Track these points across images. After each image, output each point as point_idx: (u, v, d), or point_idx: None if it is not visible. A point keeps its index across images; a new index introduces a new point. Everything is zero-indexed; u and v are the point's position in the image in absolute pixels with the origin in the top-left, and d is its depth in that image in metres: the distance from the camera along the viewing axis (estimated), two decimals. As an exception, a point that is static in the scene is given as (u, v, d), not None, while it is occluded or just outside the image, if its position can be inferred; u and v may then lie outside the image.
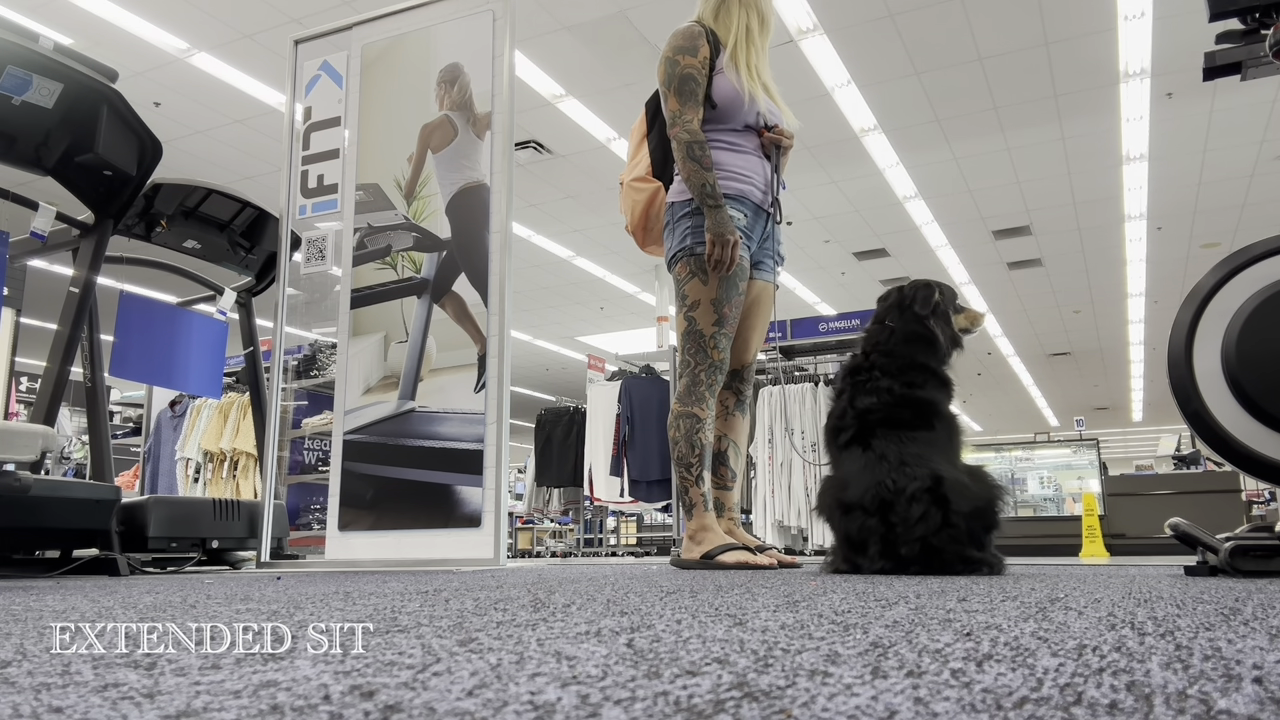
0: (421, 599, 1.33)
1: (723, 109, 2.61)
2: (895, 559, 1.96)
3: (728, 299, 2.58)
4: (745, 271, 2.63)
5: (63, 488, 2.99)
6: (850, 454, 2.13)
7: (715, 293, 2.57)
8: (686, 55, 2.59)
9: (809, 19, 6.26)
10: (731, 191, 2.60)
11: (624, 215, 2.93)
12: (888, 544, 1.96)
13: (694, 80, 2.57)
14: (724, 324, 2.59)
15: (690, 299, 2.61)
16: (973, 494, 1.98)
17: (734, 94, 2.60)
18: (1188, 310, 1.88)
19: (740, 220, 2.61)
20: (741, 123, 2.64)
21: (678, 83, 2.58)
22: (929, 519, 1.92)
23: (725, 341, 2.61)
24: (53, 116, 2.90)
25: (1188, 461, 10.71)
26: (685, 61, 2.58)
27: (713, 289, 2.57)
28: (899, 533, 1.95)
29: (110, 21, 6.25)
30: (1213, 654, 0.64)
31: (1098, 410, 21.69)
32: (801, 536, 6.04)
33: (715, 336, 2.59)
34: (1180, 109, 7.47)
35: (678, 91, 2.58)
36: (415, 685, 0.54)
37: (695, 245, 2.58)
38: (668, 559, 3.80)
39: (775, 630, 0.82)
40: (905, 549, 1.93)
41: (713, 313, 2.58)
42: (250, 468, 6.06)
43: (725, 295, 2.58)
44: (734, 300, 2.60)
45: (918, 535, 1.92)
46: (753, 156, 2.67)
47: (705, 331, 2.59)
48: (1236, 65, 1.94)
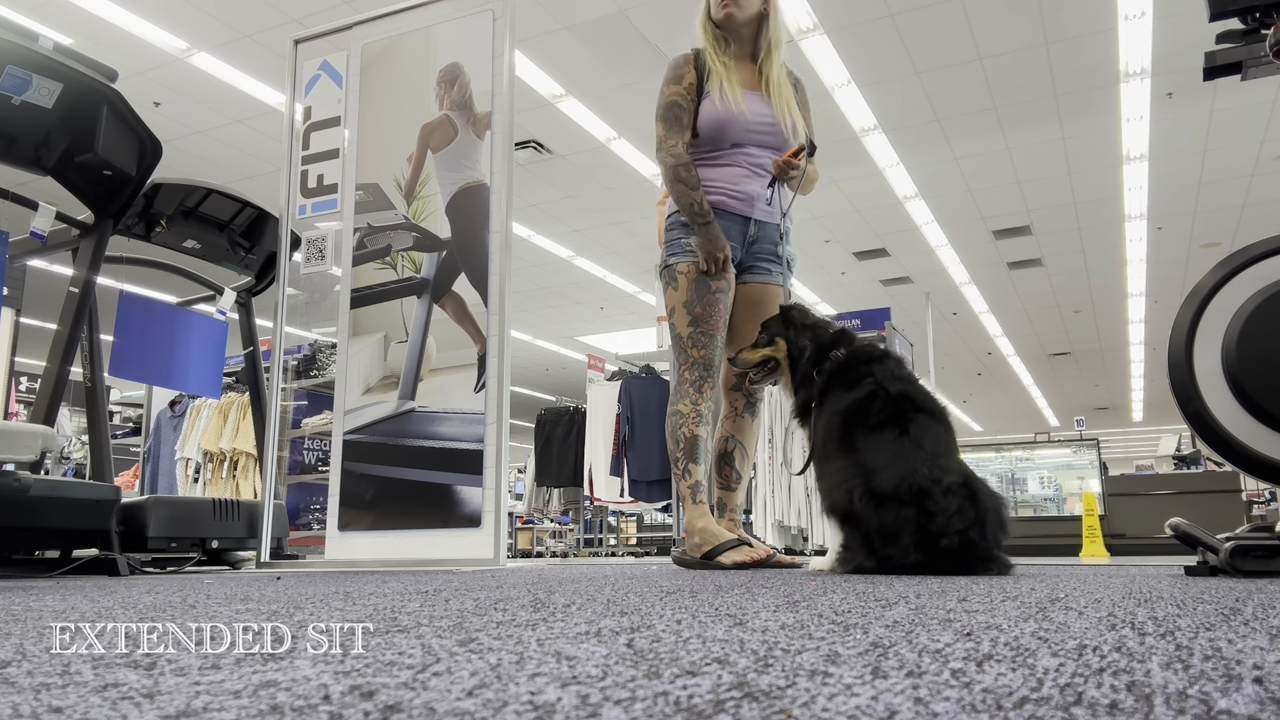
0: (421, 599, 1.33)
1: (706, 133, 2.73)
2: (932, 551, 1.90)
3: (698, 299, 2.69)
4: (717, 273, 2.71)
5: (63, 488, 2.99)
6: (881, 438, 2.06)
7: (685, 295, 2.71)
8: (671, 85, 2.75)
9: (809, 19, 6.26)
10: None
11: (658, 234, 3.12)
12: (924, 535, 1.91)
13: (679, 107, 2.72)
14: (698, 323, 2.69)
15: (669, 307, 2.77)
16: (993, 494, 2.02)
17: (713, 118, 2.71)
18: (1188, 310, 1.88)
19: None
20: (729, 142, 2.74)
21: (662, 110, 2.75)
22: (965, 512, 1.92)
23: (704, 339, 2.69)
24: (52, 116, 2.90)
25: (1188, 461, 10.71)
26: (670, 91, 2.75)
27: (682, 293, 2.71)
28: (938, 523, 1.90)
29: (110, 21, 6.25)
30: (1213, 654, 0.64)
31: (1098, 410, 21.69)
32: (801, 536, 6.04)
33: (693, 336, 2.69)
34: (1180, 109, 7.47)
35: (662, 119, 2.74)
36: (415, 685, 0.54)
37: (668, 257, 2.76)
38: (668, 558, 3.80)
39: (775, 630, 0.82)
40: (945, 541, 1.89)
41: (686, 314, 2.71)
42: (250, 468, 6.06)
43: (695, 296, 2.69)
44: (704, 299, 2.69)
45: (957, 528, 1.90)
46: (733, 168, 2.74)
47: (682, 334, 2.72)
48: (1237, 65, 1.94)
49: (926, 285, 12.29)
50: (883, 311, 6.98)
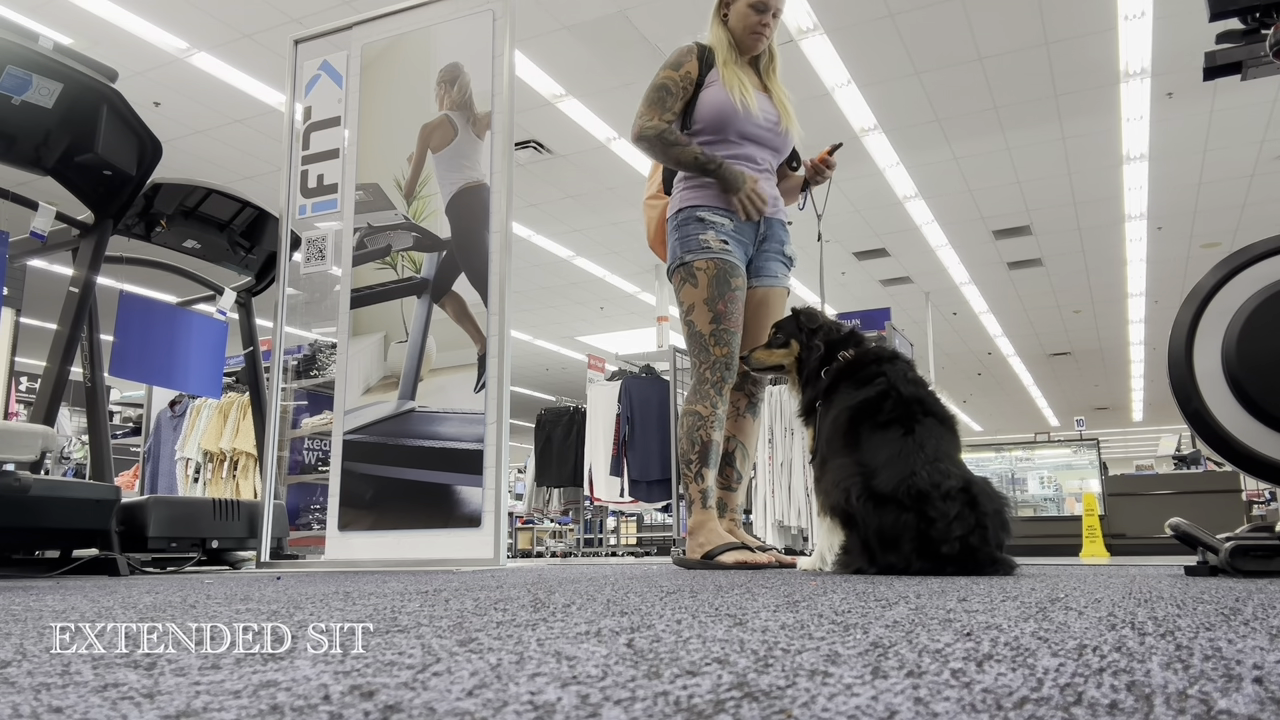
0: (421, 599, 1.33)
1: (708, 119, 2.69)
2: (934, 558, 1.89)
3: (720, 296, 2.63)
4: (736, 269, 2.68)
5: (63, 488, 2.99)
6: (885, 437, 2.05)
7: (706, 292, 2.64)
8: (668, 69, 2.72)
9: (809, 19, 6.26)
10: (714, 200, 2.68)
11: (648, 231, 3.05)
12: (925, 541, 1.89)
13: (666, 89, 2.69)
14: (720, 320, 2.63)
15: (686, 304, 2.69)
16: (994, 496, 2.00)
17: (718, 105, 2.67)
18: (1188, 310, 1.88)
19: (725, 225, 2.68)
20: (736, 132, 2.70)
21: (650, 90, 2.71)
22: (964, 518, 1.90)
23: (727, 336, 2.64)
24: (52, 116, 2.90)
25: (1188, 461, 10.71)
26: (664, 74, 2.71)
27: (703, 290, 2.64)
28: (939, 529, 1.88)
29: (110, 21, 6.25)
30: (1213, 654, 0.64)
31: (1098, 410, 21.68)
32: (801, 536, 6.04)
33: (715, 334, 2.63)
34: (1180, 109, 7.47)
35: (645, 97, 2.71)
36: (415, 685, 0.54)
37: (684, 254, 2.69)
38: (668, 559, 3.80)
39: (775, 630, 0.82)
40: (947, 548, 1.88)
41: (707, 312, 2.64)
42: (250, 468, 6.06)
43: (716, 293, 2.63)
44: (726, 296, 2.64)
45: (957, 534, 1.88)
46: (744, 163, 2.71)
47: (703, 331, 2.65)
48: (1237, 65, 1.94)
49: (926, 285, 12.29)
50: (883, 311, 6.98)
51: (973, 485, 1.97)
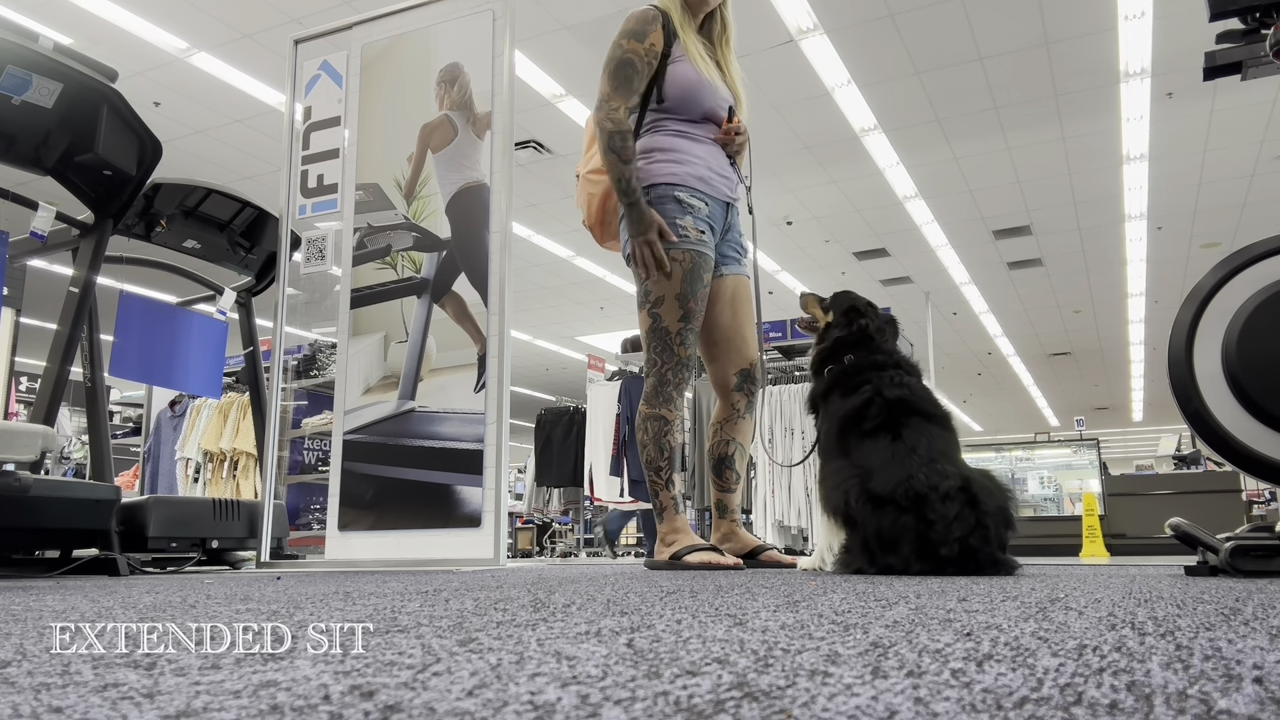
0: (421, 599, 1.33)
1: (677, 98, 2.52)
2: (933, 560, 1.88)
3: (692, 293, 2.48)
4: (709, 263, 2.54)
5: (63, 488, 2.99)
6: (875, 443, 2.04)
7: (679, 287, 2.46)
8: (632, 40, 2.47)
9: (809, 19, 6.26)
10: (693, 181, 2.52)
11: (580, 209, 2.81)
12: (924, 543, 1.88)
13: (632, 66, 2.46)
14: (689, 319, 2.49)
15: (654, 294, 2.49)
16: (995, 495, 1.98)
17: (690, 83, 2.50)
18: (1188, 310, 1.88)
19: (702, 210, 2.53)
20: (699, 112, 2.55)
21: (614, 65, 2.46)
22: (964, 519, 1.88)
23: (693, 337, 2.52)
24: (52, 116, 2.90)
25: (1188, 461, 10.71)
26: (628, 46, 2.47)
27: (676, 283, 2.46)
28: (938, 531, 1.87)
29: (110, 21, 6.25)
30: (1213, 654, 0.64)
31: (1098, 410, 21.68)
32: (801, 536, 6.04)
33: (682, 333, 2.49)
34: (1180, 109, 7.47)
35: (611, 75, 2.46)
36: (415, 685, 0.54)
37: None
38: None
39: (775, 630, 0.82)
40: (946, 549, 1.86)
41: (677, 308, 2.47)
42: (250, 468, 6.06)
43: (689, 289, 2.47)
44: (699, 293, 2.50)
45: (956, 535, 1.87)
46: (713, 146, 2.59)
47: (671, 328, 2.48)
48: (1237, 65, 1.94)
49: (926, 285, 12.28)
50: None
51: (972, 483, 1.95)
